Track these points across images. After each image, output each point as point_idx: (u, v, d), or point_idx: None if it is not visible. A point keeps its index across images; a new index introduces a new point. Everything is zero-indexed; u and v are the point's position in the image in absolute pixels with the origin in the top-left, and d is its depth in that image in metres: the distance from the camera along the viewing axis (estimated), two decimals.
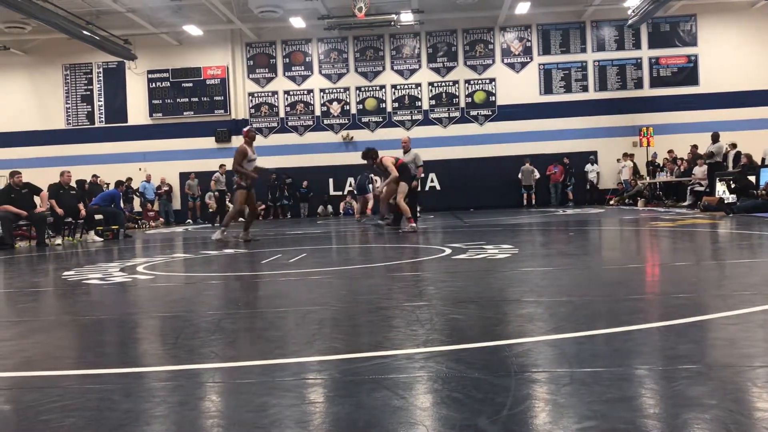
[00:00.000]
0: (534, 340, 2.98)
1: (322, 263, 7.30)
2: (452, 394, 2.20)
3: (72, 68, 24.01)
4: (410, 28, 22.95)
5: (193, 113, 23.58)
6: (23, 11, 17.30)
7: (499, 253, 6.83)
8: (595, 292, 4.42)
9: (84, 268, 7.31)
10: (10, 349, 3.33)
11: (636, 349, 2.81)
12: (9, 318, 4.57)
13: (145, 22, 21.21)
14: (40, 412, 2.22)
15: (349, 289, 5.16)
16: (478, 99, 23.42)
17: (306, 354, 2.90)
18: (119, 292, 5.51)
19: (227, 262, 7.62)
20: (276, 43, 23.72)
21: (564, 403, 2.09)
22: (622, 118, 22.67)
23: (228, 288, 5.72)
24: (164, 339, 3.47)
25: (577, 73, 23.13)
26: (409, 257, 7.54)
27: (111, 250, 10.71)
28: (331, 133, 23.67)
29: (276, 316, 3.97)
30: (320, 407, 2.20)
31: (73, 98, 24.09)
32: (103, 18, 21.15)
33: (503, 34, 23.34)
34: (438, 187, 23.13)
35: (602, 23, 23.01)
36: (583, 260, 6.62)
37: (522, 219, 14.80)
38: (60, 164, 19.26)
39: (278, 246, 9.68)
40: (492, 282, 5.06)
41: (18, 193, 12.66)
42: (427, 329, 3.30)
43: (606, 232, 10.78)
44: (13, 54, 23.18)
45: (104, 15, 21.10)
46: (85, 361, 3.08)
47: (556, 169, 22.50)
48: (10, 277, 7.58)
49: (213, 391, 2.49)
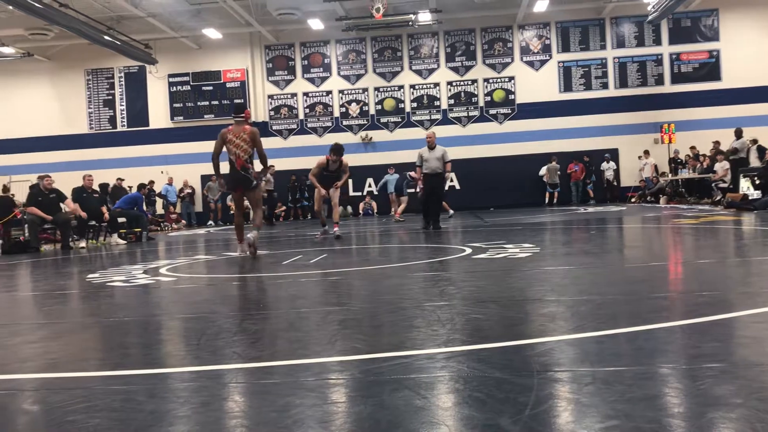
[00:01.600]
0: (556, 339, 2.97)
1: (342, 264, 7.32)
2: (474, 394, 2.20)
3: (94, 73, 24.30)
4: (428, 28, 22.92)
5: (214, 116, 23.74)
6: (46, 18, 17.54)
7: (519, 252, 6.81)
8: (617, 291, 4.38)
9: (108, 271, 7.39)
10: (37, 351, 3.38)
11: (659, 347, 2.79)
12: (36, 320, 4.63)
13: (165, 26, 21.39)
14: (67, 412, 2.25)
15: (369, 289, 5.17)
16: (497, 98, 23.33)
17: (328, 354, 2.91)
18: (143, 293, 5.57)
19: (248, 263, 7.66)
20: (295, 45, 23.82)
21: (587, 403, 2.08)
22: (643, 115, 22.47)
23: (249, 289, 5.76)
24: (187, 340, 3.50)
25: (597, 70, 22.96)
26: (430, 257, 7.53)
27: (134, 253, 10.82)
28: (350, 134, 23.71)
29: (297, 316, 3.98)
30: (342, 407, 2.21)
31: (96, 103, 24.37)
32: (124, 23, 21.39)
33: (522, 32, 23.24)
34: (458, 186, 23.06)
35: (622, 19, 22.82)
36: (605, 259, 6.57)
37: (543, 218, 14.71)
38: (83, 168, 19.50)
39: (299, 247, 9.72)
40: (513, 281, 5.04)
41: (46, 197, 12.84)
42: (448, 329, 3.30)
43: (628, 230, 10.69)
44: (36, 60, 23.51)
45: (125, 20, 21.34)
46: (109, 362, 3.12)
47: (577, 167, 22.35)
48: (37, 280, 7.70)
49: (236, 391, 2.51)
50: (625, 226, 11.42)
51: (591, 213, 15.79)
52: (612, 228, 11.08)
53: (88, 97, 24.38)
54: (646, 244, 8.39)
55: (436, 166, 12.40)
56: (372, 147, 23.51)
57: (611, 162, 22.45)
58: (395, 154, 22.68)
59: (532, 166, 22.44)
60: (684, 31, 22.58)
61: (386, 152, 23.21)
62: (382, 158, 22.99)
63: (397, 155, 22.54)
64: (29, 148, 23.92)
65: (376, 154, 23.37)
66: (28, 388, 2.68)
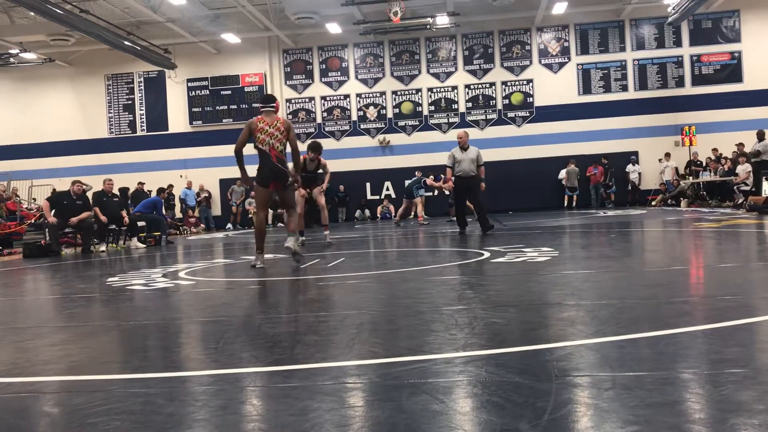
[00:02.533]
0: (575, 343, 2.95)
1: (360, 267, 7.32)
2: (492, 399, 2.19)
3: (114, 78, 24.56)
4: (446, 31, 22.91)
5: (232, 120, 23.89)
6: (67, 24, 17.76)
7: (538, 256, 6.77)
8: (637, 295, 4.34)
9: (128, 274, 7.45)
10: (58, 354, 3.41)
11: (680, 352, 2.76)
12: (57, 323, 4.68)
13: (184, 31, 21.58)
14: (87, 415, 2.27)
15: (387, 293, 5.17)
16: (515, 100, 23.26)
17: (346, 358, 2.91)
18: (162, 297, 5.61)
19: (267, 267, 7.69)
20: (312, 50, 23.92)
21: (606, 408, 2.06)
22: (664, 118, 22.28)
23: (268, 293, 5.77)
24: (206, 343, 3.52)
25: (616, 72, 22.82)
26: (448, 261, 7.51)
27: (153, 256, 10.91)
28: (368, 138, 23.76)
29: (315, 320, 3.99)
30: (360, 411, 2.20)
31: (116, 107, 24.63)
32: (143, 28, 21.61)
33: (540, 34, 23.15)
34: None
35: (641, 21, 22.65)
36: (625, 262, 6.52)
37: (562, 221, 14.63)
38: (103, 172, 19.71)
39: (317, 251, 9.74)
40: (532, 285, 5.01)
41: (71, 202, 13.00)
42: (466, 333, 3.28)
43: (648, 233, 10.60)
44: (58, 66, 23.80)
45: (144, 25, 21.55)
46: (129, 365, 3.14)
47: (596, 170, 22.20)
48: (58, 284, 7.78)
49: (254, 395, 2.52)
50: (645, 229, 11.32)
51: (611, 216, 15.68)
52: (632, 231, 10.98)
53: (109, 101, 24.65)
54: (666, 248, 8.31)
55: (469, 168, 11.44)
56: (390, 150, 23.53)
57: (637, 164, 22.24)
58: (413, 158, 22.68)
59: (550, 170, 22.34)
60: (705, 33, 22.37)
61: (404, 155, 23.22)
62: (400, 162, 23.01)
63: (415, 158, 22.53)
64: (51, 153, 24.22)
65: (393, 158, 23.39)
66: (49, 391, 2.71)
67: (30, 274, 9.30)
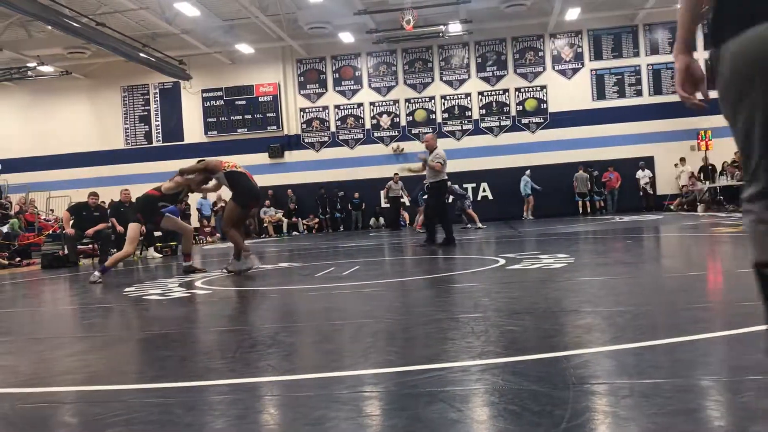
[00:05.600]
0: (592, 351, 2.93)
1: (375, 275, 7.32)
2: (509, 407, 2.18)
3: (130, 90, 24.79)
4: (459, 39, 22.94)
5: (247, 130, 24.03)
6: (83, 37, 17.97)
7: (554, 263, 6.74)
8: (654, 301, 4.31)
9: (144, 284, 7.50)
10: (76, 364, 3.44)
11: (699, 359, 2.73)
12: (75, 333, 4.72)
13: (198, 42, 21.75)
14: (106, 425, 2.28)
15: (402, 301, 5.17)
16: (529, 107, 23.21)
17: (362, 367, 2.91)
18: (178, 307, 5.64)
19: (282, 276, 7.71)
20: (326, 59, 24.02)
21: (624, 416, 2.04)
22: (679, 122, 22.10)
23: (283, 301, 5.79)
24: (223, 353, 3.53)
25: (630, 77, 22.71)
26: (463, 268, 7.49)
27: (170, 266, 10.97)
28: (382, 146, 23.79)
29: (331, 329, 3.99)
30: (377, 420, 2.20)
31: (132, 119, 24.85)
32: (158, 40, 21.81)
33: (553, 40, 23.11)
34: (490, 196, 22.98)
35: (655, 26, 22.55)
36: (642, 268, 6.47)
37: (577, 227, 14.56)
38: (120, 183, 19.85)
39: (331, 259, 9.75)
40: (548, 292, 4.99)
41: (89, 213, 13.14)
42: (482, 341, 3.27)
43: (665, 239, 10.53)
44: (74, 78, 24.06)
45: (160, 37, 21.75)
46: (147, 375, 3.16)
47: (612, 176, 22.07)
48: (75, 294, 7.84)
49: (271, 404, 2.52)
50: (661, 235, 11.24)
51: (626, 222, 15.58)
52: (648, 237, 10.91)
53: (125, 113, 24.87)
54: (683, 253, 8.25)
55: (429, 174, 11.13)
56: (404, 158, 23.50)
57: (646, 170, 22.11)
58: None
59: (566, 175, 22.20)
60: None
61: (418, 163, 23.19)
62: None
63: None
64: (68, 164, 24.45)
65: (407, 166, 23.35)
66: (68, 401, 2.73)
67: (48, 284, 9.39)
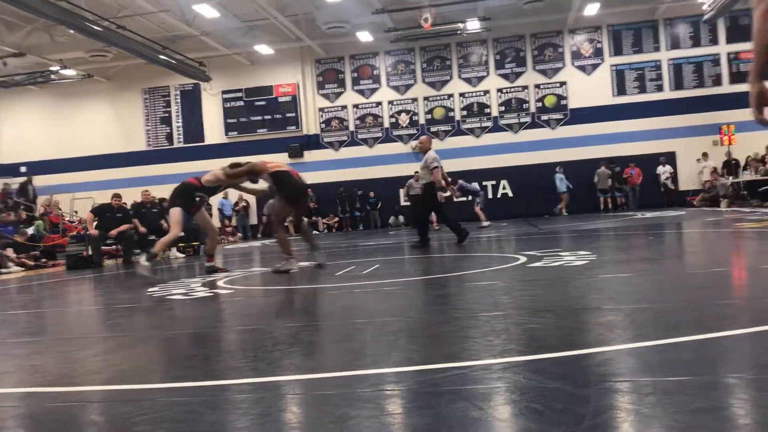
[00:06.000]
0: (614, 348, 2.92)
1: (395, 274, 7.33)
2: (531, 405, 2.18)
3: (151, 92, 25.01)
4: (477, 36, 22.86)
5: (267, 130, 24.15)
6: (105, 40, 18.18)
7: (575, 260, 6.70)
8: (678, 298, 4.28)
9: (168, 284, 7.58)
10: (102, 364, 3.49)
11: (724, 356, 2.71)
12: (100, 333, 4.79)
13: (218, 44, 21.89)
14: (133, 423, 2.32)
15: (423, 300, 5.18)
16: (549, 103, 23.08)
17: (383, 365, 2.93)
18: (201, 306, 5.69)
19: (303, 275, 7.75)
20: (344, 58, 24.06)
21: (648, 414, 2.04)
22: (701, 117, 21.86)
23: (305, 300, 5.82)
24: (245, 352, 3.56)
25: (651, 72, 22.49)
26: (483, 266, 7.48)
27: (192, 266, 11.07)
28: (400, 144, 23.79)
29: (352, 327, 4.01)
30: (399, 418, 2.22)
31: (153, 120, 25.07)
32: (178, 42, 21.98)
33: (573, 36, 22.95)
34: (510, 194, 22.88)
35: (676, 20, 22.30)
36: (665, 265, 6.42)
37: (599, 224, 14.46)
38: (142, 184, 20.03)
39: (351, 258, 9.78)
40: (569, 290, 4.97)
41: (112, 215, 13.31)
42: (503, 339, 3.27)
43: (687, 235, 10.42)
44: (96, 81, 24.33)
45: (180, 39, 21.92)
46: (171, 374, 3.20)
47: (633, 172, 21.88)
48: (100, 294, 7.94)
49: (293, 402, 2.55)
50: (684, 231, 11.13)
51: (648, 218, 15.44)
52: (671, 233, 10.81)
53: (146, 115, 25.11)
54: (707, 249, 8.16)
55: (422, 176, 11.39)
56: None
57: (667, 165, 21.88)
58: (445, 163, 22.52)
59: (587, 172, 22.03)
60: (742, 30, 21.89)
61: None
62: None
63: (448, 164, 22.38)
64: (91, 166, 24.74)
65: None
66: (95, 400, 2.78)
67: (74, 285, 9.52)
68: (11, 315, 6.29)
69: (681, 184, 22.08)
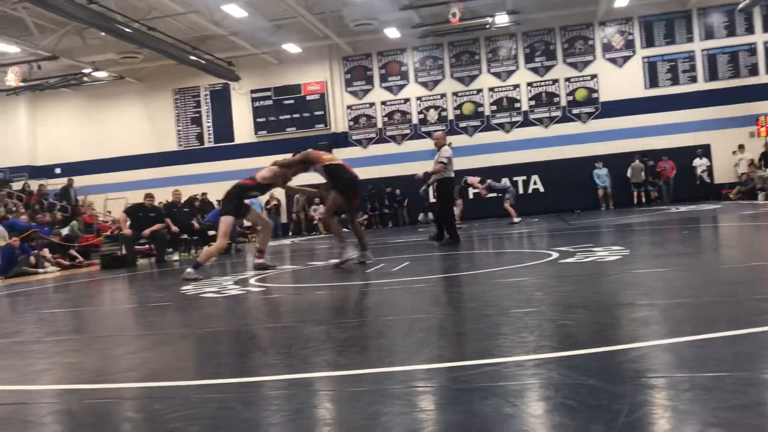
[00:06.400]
0: (649, 344, 2.87)
1: (425, 271, 7.32)
2: (565, 402, 2.16)
3: (181, 92, 25.29)
4: (506, 30, 22.68)
5: (295, 129, 24.26)
6: (135, 41, 18.44)
7: (608, 256, 6.61)
8: (714, 293, 4.20)
9: (200, 283, 7.65)
10: (137, 361, 3.54)
11: (763, 352, 2.66)
12: (135, 332, 4.85)
13: (246, 43, 22.04)
14: (167, 420, 2.35)
15: (453, 297, 5.16)
16: (579, 97, 22.82)
17: (414, 362, 2.92)
18: (234, 304, 5.74)
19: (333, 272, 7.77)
20: (372, 55, 24.06)
21: (685, 410, 2.00)
22: (737, 108, 21.42)
23: (335, 298, 5.84)
24: (278, 349, 3.58)
25: (684, 64, 22.10)
26: (514, 263, 7.42)
27: (224, 264, 11.17)
28: (429, 141, 23.65)
29: (383, 324, 4.01)
30: (431, 415, 2.21)
31: (184, 121, 25.36)
32: (207, 42, 22.19)
33: (603, 28, 22.65)
34: (541, 189, 22.67)
35: (710, 10, 21.87)
36: (700, 259, 6.31)
37: (632, 219, 14.26)
38: (173, 184, 20.28)
39: (381, 255, 9.78)
40: (602, 285, 4.91)
41: (146, 214, 13.51)
42: (536, 336, 3.24)
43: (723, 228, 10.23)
44: (128, 82, 24.68)
45: (209, 39, 22.12)
46: (205, 371, 3.23)
47: (667, 165, 21.53)
48: (134, 293, 8.06)
49: (326, 399, 2.55)
50: (720, 224, 10.92)
51: (683, 212, 15.19)
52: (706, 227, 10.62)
53: (177, 115, 25.40)
54: (744, 243, 8.00)
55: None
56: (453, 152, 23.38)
57: (704, 158, 21.47)
58: (475, 159, 22.53)
59: (619, 166, 21.72)
60: None
61: (466, 157, 23.00)
62: (462, 163, 22.75)
63: (478, 159, 22.38)
64: (123, 167, 25.10)
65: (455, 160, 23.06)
66: (131, 397, 2.82)
67: (108, 284, 9.67)
68: (49, 314, 6.41)
69: (716, 177, 21.66)
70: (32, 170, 25.28)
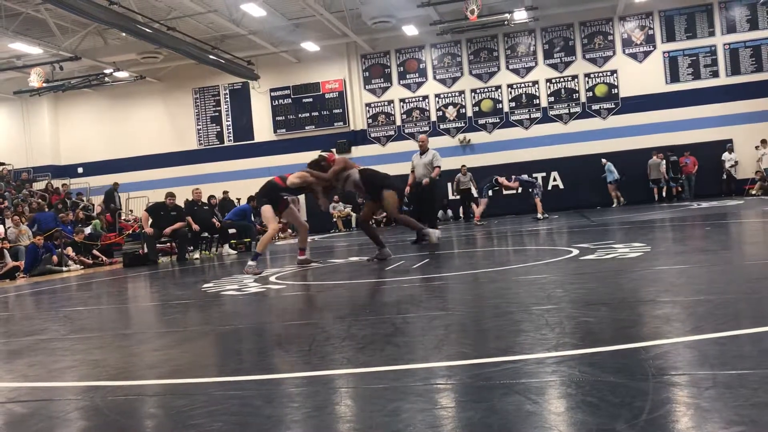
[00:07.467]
0: (672, 341, 2.85)
1: (445, 268, 7.31)
2: (587, 399, 2.15)
3: (201, 91, 25.46)
4: (524, 26, 22.56)
5: (314, 127, 24.34)
6: (156, 42, 18.60)
7: (630, 252, 6.57)
8: (737, 290, 4.16)
9: (221, 281, 7.71)
10: (160, 359, 3.58)
11: None
12: (157, 329, 4.91)
13: (265, 42, 22.14)
14: (190, 416, 2.37)
15: (474, 294, 5.15)
16: (599, 92, 22.65)
17: (435, 359, 2.93)
18: (254, 302, 5.78)
19: (353, 269, 7.79)
20: (390, 53, 24.05)
21: (708, 408, 1.99)
22: (760, 103, 21.14)
23: (355, 295, 5.85)
24: (299, 346, 3.60)
25: (705, 58, 21.84)
26: (535, 259, 7.40)
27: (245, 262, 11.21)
28: (448, 138, 23.66)
29: (403, 321, 4.02)
30: (452, 412, 2.21)
31: (203, 120, 25.52)
32: (227, 42, 22.33)
33: (623, 23, 22.45)
34: (561, 185, 22.53)
35: (732, 3, 21.59)
36: (723, 256, 6.24)
37: (653, 215, 14.13)
38: (193, 183, 20.46)
39: (401, 252, 9.78)
40: (624, 282, 4.87)
41: (167, 213, 13.63)
42: (557, 333, 3.23)
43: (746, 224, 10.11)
44: (148, 82, 24.89)
45: (228, 39, 22.26)
46: (227, 368, 3.26)
47: (688, 161, 21.30)
48: (156, 291, 8.14)
49: (347, 396, 2.56)
50: (743, 220, 10.79)
51: (705, 208, 15.03)
52: (729, 223, 10.50)
53: (197, 114, 25.57)
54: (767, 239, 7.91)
55: (422, 173, 11.42)
56: (470, 149, 23.35)
57: (733, 153, 21.15)
58: (494, 156, 22.46)
59: (640, 162, 21.51)
60: None
61: (485, 154, 22.99)
62: (481, 160, 22.77)
63: (496, 156, 22.31)
64: (145, 166, 25.33)
65: (474, 156, 23.17)
66: (154, 393, 2.85)
67: (131, 282, 9.78)
68: (73, 311, 6.49)
69: (738, 173, 21.39)
70: (55, 170, 25.61)
